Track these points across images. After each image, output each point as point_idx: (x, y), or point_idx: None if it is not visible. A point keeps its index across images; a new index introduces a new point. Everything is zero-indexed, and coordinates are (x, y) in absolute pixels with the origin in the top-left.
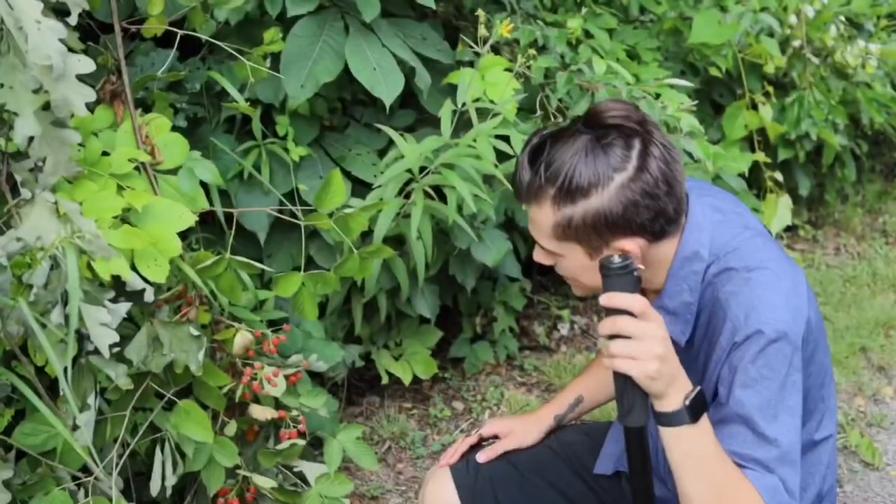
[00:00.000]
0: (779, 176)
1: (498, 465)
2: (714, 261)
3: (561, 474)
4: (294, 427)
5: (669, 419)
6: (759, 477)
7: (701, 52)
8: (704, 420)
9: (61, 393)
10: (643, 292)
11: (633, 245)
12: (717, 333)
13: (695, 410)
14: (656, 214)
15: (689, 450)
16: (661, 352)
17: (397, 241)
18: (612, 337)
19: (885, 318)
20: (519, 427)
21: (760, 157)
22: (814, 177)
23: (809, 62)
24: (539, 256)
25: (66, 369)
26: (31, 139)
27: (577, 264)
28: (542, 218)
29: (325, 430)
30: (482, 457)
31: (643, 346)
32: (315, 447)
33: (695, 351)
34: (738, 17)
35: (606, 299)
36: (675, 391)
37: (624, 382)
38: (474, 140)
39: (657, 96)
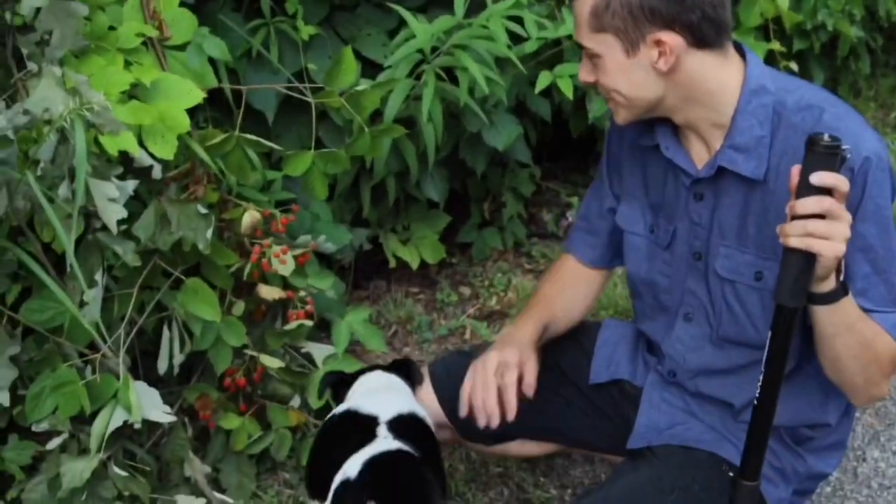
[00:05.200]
0: (794, 66)
1: None
2: (781, 98)
3: (549, 384)
4: (302, 308)
5: (829, 297)
6: (886, 317)
7: None
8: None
9: (68, 269)
10: (678, 131)
11: (671, 40)
12: None
13: (844, 283)
14: (695, 6)
15: (842, 319)
16: (849, 234)
17: (407, 123)
18: (801, 217)
19: None
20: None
21: (776, 46)
22: (828, 70)
23: None
24: (583, 71)
25: (73, 245)
26: (37, 11)
27: (615, 65)
28: (582, 7)
29: (333, 311)
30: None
31: (840, 227)
32: (322, 330)
33: (771, 188)
34: None
35: (818, 177)
36: (834, 271)
37: (805, 262)
38: (487, 20)
39: None
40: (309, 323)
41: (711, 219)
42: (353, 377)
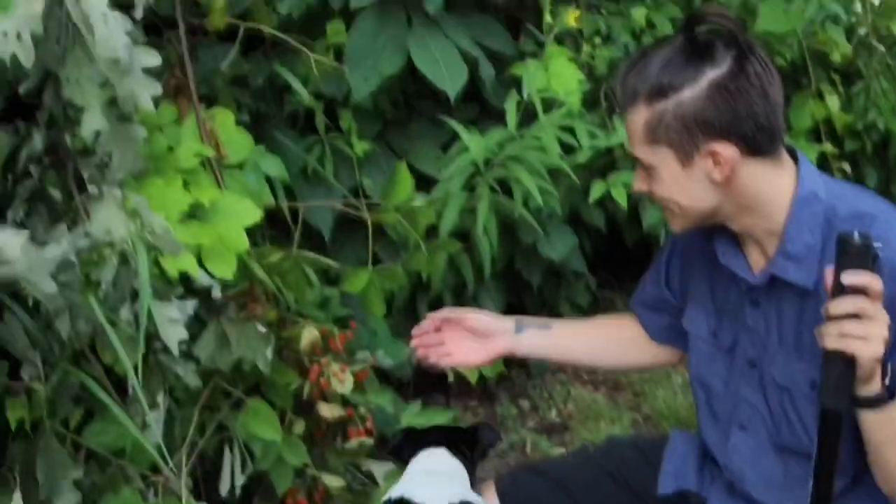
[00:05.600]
0: (847, 167)
1: (547, 487)
2: (832, 205)
3: (615, 496)
4: (362, 425)
5: (874, 402)
6: None
7: (766, 42)
8: None
9: (130, 391)
10: (736, 236)
11: (725, 150)
12: None
13: (891, 387)
14: (748, 117)
15: (891, 426)
16: (887, 335)
17: (462, 236)
18: (837, 318)
19: None
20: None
21: (828, 148)
22: (881, 170)
23: (875, 51)
24: (637, 181)
25: (135, 367)
26: (97, 134)
27: (670, 176)
28: (636, 120)
29: (392, 427)
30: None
31: (876, 327)
32: (382, 446)
33: (822, 297)
34: (803, 5)
35: (849, 278)
36: (878, 373)
37: (845, 364)
38: (540, 132)
39: None
40: (369, 441)
41: (767, 326)
42: (418, 442)
